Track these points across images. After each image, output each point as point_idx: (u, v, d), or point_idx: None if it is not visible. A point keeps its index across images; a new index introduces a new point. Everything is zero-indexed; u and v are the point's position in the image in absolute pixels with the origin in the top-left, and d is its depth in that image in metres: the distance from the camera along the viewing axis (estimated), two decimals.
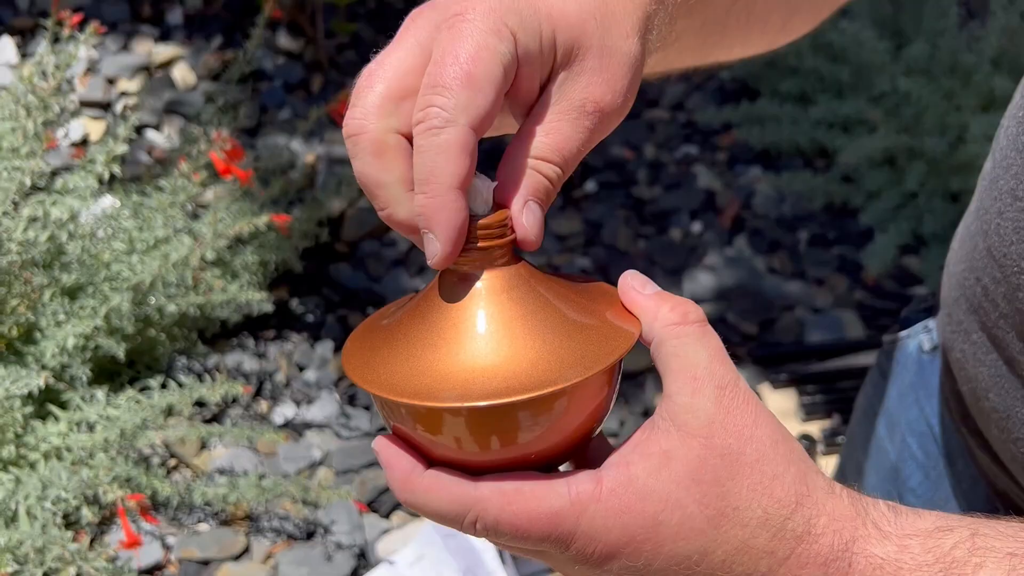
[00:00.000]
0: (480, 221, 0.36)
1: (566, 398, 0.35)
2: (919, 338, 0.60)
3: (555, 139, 0.36)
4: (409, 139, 0.36)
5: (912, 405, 0.60)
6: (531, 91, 0.37)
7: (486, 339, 0.35)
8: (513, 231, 0.37)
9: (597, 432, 0.38)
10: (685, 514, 0.34)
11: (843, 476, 0.70)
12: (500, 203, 0.37)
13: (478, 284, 0.36)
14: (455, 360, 0.35)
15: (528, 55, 0.35)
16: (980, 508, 0.55)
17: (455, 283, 0.37)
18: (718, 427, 0.34)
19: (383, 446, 0.36)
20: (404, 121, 0.35)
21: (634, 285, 0.38)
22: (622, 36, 0.37)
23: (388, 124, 0.35)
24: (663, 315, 0.36)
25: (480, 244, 0.36)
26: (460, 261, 0.37)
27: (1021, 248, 0.45)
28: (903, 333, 0.62)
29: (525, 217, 0.36)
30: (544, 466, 0.36)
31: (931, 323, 0.60)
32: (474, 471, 0.35)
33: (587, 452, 0.39)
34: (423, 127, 0.34)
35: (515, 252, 0.38)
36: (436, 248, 0.35)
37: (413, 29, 0.37)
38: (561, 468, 0.38)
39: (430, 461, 0.36)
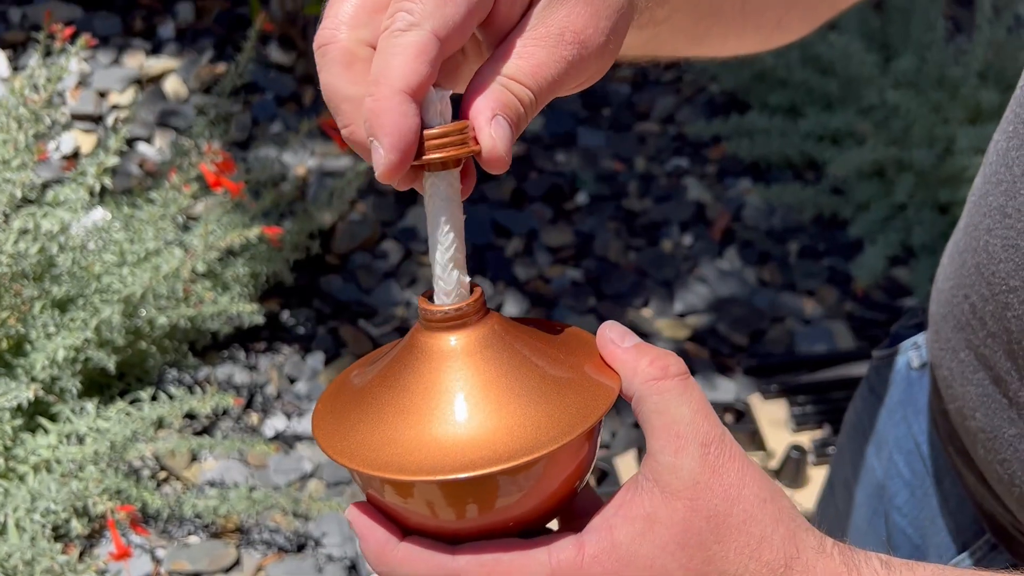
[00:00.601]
0: (436, 129, 0.33)
1: (544, 463, 0.33)
2: (908, 355, 0.60)
3: (529, 63, 0.33)
4: None
5: (900, 422, 0.60)
6: (510, 18, 0.34)
7: (461, 404, 0.33)
8: (477, 143, 0.33)
9: (581, 487, 0.37)
10: None
11: (831, 492, 0.69)
12: (467, 114, 0.34)
13: (452, 342, 0.34)
14: (429, 428, 0.33)
15: None
16: (967, 529, 0.55)
17: (427, 342, 0.35)
18: (703, 488, 0.33)
19: (355, 516, 0.35)
20: (376, 34, 0.33)
21: (612, 338, 0.35)
22: None
23: (359, 35, 0.33)
24: (643, 370, 0.34)
25: (437, 154, 0.32)
26: (429, 166, 0.33)
27: (1010, 266, 0.45)
28: (892, 349, 0.62)
29: (493, 129, 0.33)
30: (526, 530, 0.35)
31: (920, 339, 0.60)
32: (452, 539, 0.34)
33: (574, 504, 0.37)
34: (387, 32, 0.32)
35: (485, 306, 0.36)
36: (381, 157, 0.31)
37: None
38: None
39: (406, 529, 0.34)
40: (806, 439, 1.56)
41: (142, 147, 1.91)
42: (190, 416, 1.48)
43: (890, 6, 2.20)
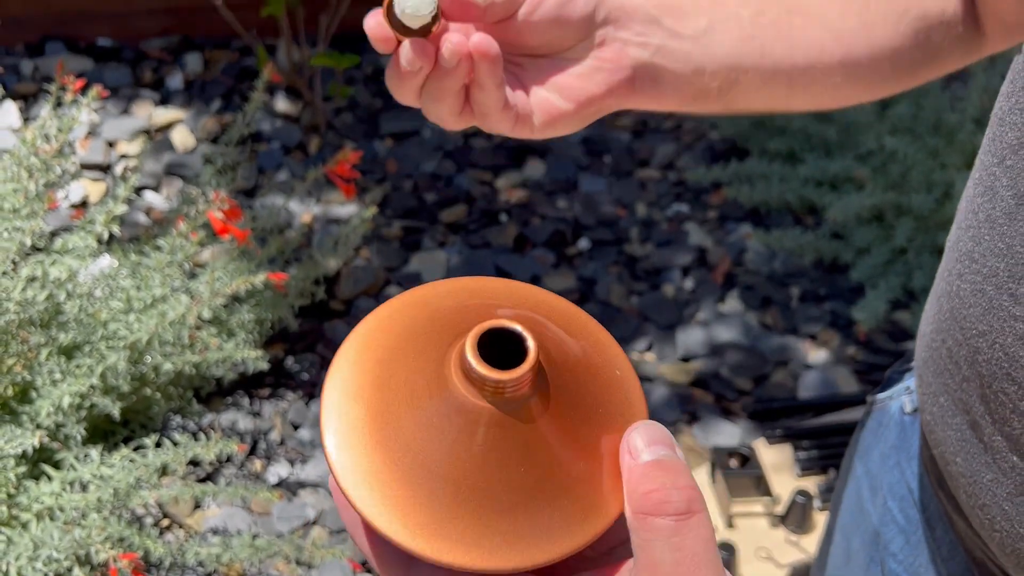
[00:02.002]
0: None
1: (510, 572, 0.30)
2: (901, 399, 0.61)
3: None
4: None
5: (893, 468, 0.60)
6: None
7: (461, 489, 0.31)
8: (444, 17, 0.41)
9: None
10: None
11: (829, 538, 0.69)
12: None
13: (491, 410, 0.31)
14: (435, 502, 0.31)
15: None
16: (958, 575, 0.55)
17: (467, 400, 0.31)
18: None
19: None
20: None
21: (631, 447, 0.32)
22: None
23: None
24: (639, 498, 0.31)
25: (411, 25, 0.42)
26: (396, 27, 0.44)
27: (978, 311, 0.46)
28: (885, 394, 0.62)
29: None
30: None
31: (913, 384, 0.60)
32: None
33: None
34: None
35: (536, 373, 0.32)
36: None
37: None
38: None
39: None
40: (811, 484, 1.55)
41: (149, 196, 1.94)
42: (194, 463, 1.48)
43: None
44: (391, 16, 0.45)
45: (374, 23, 0.45)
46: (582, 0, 0.47)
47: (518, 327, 0.31)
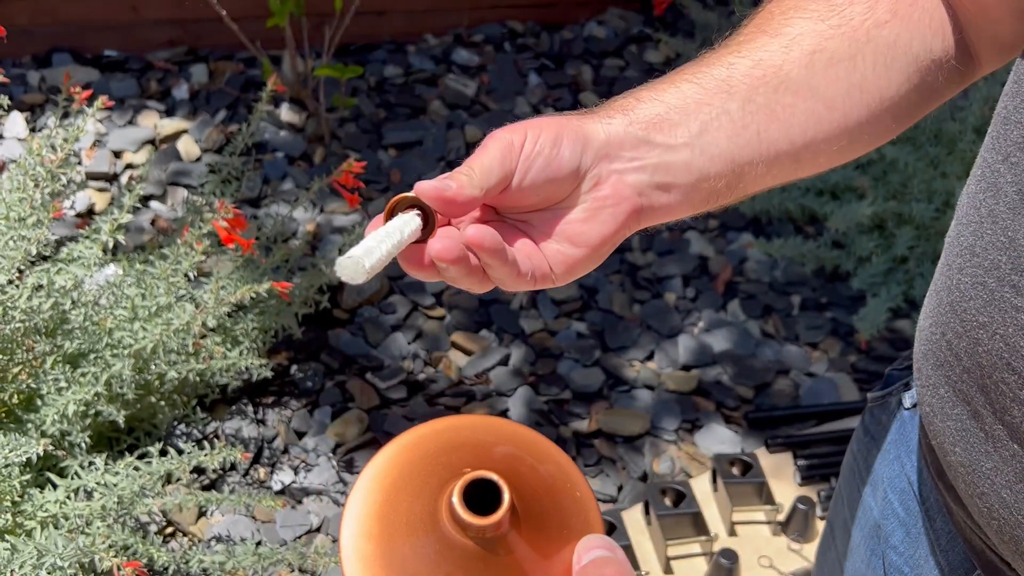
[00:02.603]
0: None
1: None
2: (901, 395, 0.62)
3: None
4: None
5: (894, 462, 0.61)
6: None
7: None
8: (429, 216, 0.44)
9: None
10: None
11: (831, 534, 0.70)
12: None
13: (475, 548, 0.39)
14: None
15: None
16: (958, 567, 0.56)
17: (457, 539, 0.39)
18: None
19: None
20: None
21: (576, 557, 0.39)
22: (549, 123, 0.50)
23: None
24: None
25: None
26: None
27: (978, 303, 0.47)
28: (885, 391, 0.63)
29: (437, 181, 0.46)
30: None
31: (912, 380, 0.61)
32: None
33: None
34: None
35: (509, 519, 0.40)
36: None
37: None
38: None
39: None
40: (813, 492, 1.56)
41: (155, 205, 1.95)
42: (198, 470, 1.49)
43: None
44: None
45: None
46: (567, 152, 0.47)
47: (495, 478, 0.39)
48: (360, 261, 0.41)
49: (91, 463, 1.33)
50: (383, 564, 0.38)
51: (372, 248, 0.42)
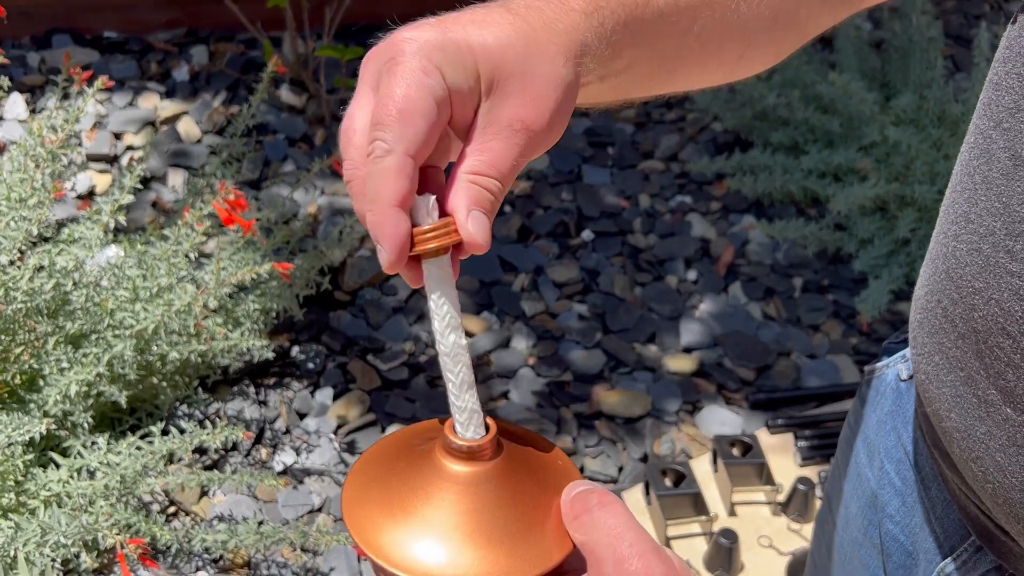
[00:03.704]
0: (425, 227, 0.41)
1: None
2: (897, 367, 0.62)
3: (489, 156, 0.41)
4: None
5: (890, 432, 0.62)
6: (466, 117, 0.42)
7: (458, 532, 0.41)
8: (457, 233, 0.41)
9: None
10: None
11: (828, 507, 0.71)
12: (446, 215, 0.41)
13: (464, 473, 0.42)
14: (434, 542, 0.41)
15: (457, 86, 0.41)
16: (953, 533, 0.56)
17: (446, 466, 0.42)
18: None
19: None
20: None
21: (566, 510, 0.41)
22: (546, 60, 0.42)
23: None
24: (566, 513, 0.40)
25: (429, 245, 0.41)
26: (423, 255, 0.42)
27: (974, 269, 0.47)
28: (882, 363, 0.64)
29: (471, 224, 0.40)
30: None
31: (909, 352, 0.61)
32: None
33: None
34: (370, 159, 0.40)
35: (499, 444, 0.43)
36: (383, 256, 0.40)
37: (365, 77, 0.42)
38: None
39: None
40: (813, 472, 1.56)
41: (156, 186, 1.95)
42: (200, 451, 1.50)
43: (890, 46, 2.24)
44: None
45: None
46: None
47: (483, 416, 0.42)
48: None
49: (94, 443, 1.33)
50: (388, 513, 0.42)
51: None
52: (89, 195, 1.91)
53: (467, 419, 0.42)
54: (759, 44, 0.53)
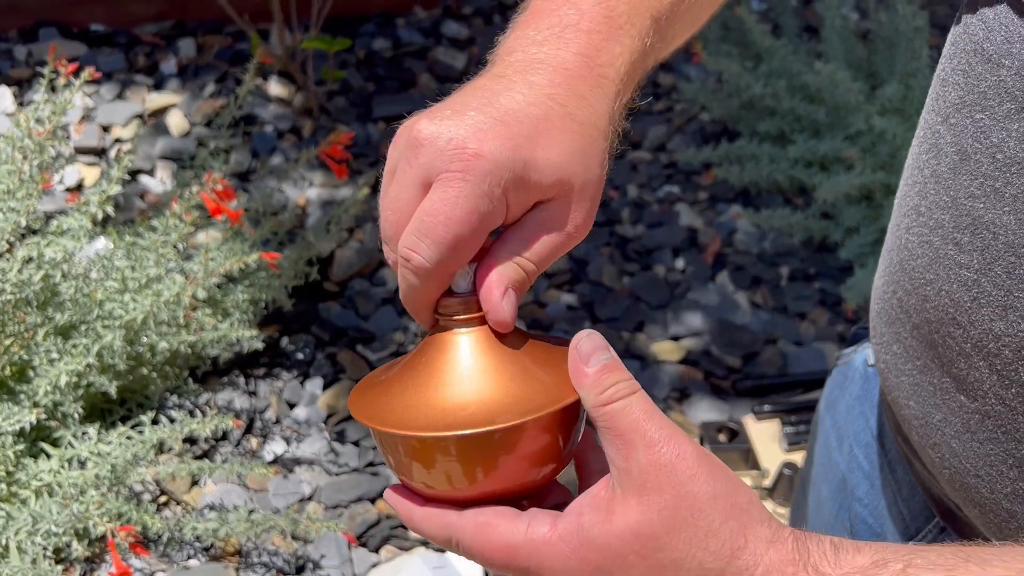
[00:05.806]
0: (447, 302, 0.43)
1: (530, 428, 0.40)
2: (865, 353, 0.63)
3: (538, 247, 0.43)
4: None
5: (858, 417, 0.63)
6: (521, 211, 0.43)
7: (465, 383, 0.42)
8: (479, 309, 0.43)
9: (552, 475, 0.43)
10: (626, 563, 0.38)
11: (803, 490, 0.72)
12: (482, 286, 0.44)
13: (461, 338, 0.43)
14: (439, 401, 0.42)
15: (519, 204, 0.42)
16: (919, 515, 0.58)
17: (443, 337, 0.44)
18: (651, 487, 0.37)
19: (390, 495, 0.44)
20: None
21: (579, 357, 0.41)
22: (596, 163, 0.44)
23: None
24: (592, 398, 0.40)
25: (455, 318, 0.43)
26: (445, 325, 0.44)
27: (924, 260, 0.48)
28: (850, 349, 0.65)
29: (506, 303, 0.42)
30: (516, 498, 0.42)
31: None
32: (459, 507, 0.42)
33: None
34: (407, 264, 0.42)
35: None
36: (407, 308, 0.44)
37: (413, 166, 0.41)
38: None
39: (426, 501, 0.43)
40: (799, 457, 1.58)
41: (144, 179, 1.95)
42: (190, 441, 1.51)
43: (876, 35, 2.25)
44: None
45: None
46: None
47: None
48: None
49: (84, 433, 1.34)
50: (396, 391, 0.44)
51: None
52: (78, 188, 1.91)
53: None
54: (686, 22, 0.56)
